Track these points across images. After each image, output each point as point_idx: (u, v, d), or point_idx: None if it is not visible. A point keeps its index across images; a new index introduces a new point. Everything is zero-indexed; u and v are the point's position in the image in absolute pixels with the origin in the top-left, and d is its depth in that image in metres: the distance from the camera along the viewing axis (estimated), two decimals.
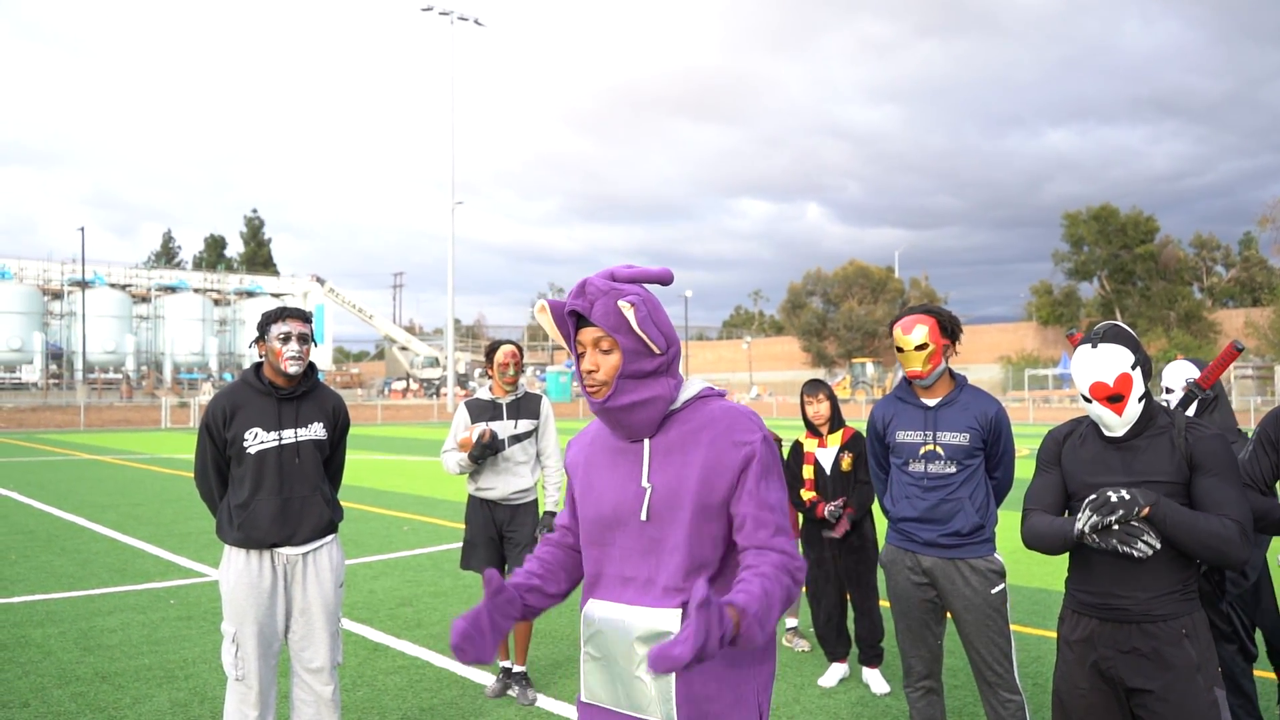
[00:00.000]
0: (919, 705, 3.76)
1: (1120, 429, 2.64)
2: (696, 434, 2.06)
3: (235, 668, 3.60)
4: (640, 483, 2.07)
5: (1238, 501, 2.51)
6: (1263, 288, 60.30)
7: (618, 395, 2.03)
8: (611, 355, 2.03)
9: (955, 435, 3.61)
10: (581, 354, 2.06)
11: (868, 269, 72.53)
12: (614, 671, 2.02)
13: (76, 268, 58.08)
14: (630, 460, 2.11)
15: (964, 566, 3.58)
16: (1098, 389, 2.63)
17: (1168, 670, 2.53)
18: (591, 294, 2.04)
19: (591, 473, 2.17)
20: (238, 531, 3.60)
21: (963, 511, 3.58)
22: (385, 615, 6.65)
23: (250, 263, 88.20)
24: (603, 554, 2.11)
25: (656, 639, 1.97)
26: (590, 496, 2.15)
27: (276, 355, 3.61)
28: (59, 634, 6.11)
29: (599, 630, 2.06)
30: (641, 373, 2.04)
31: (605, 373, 2.03)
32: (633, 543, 2.07)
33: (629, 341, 2.02)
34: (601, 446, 2.18)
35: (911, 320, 3.63)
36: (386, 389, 65.27)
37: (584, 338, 2.05)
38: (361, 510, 11.94)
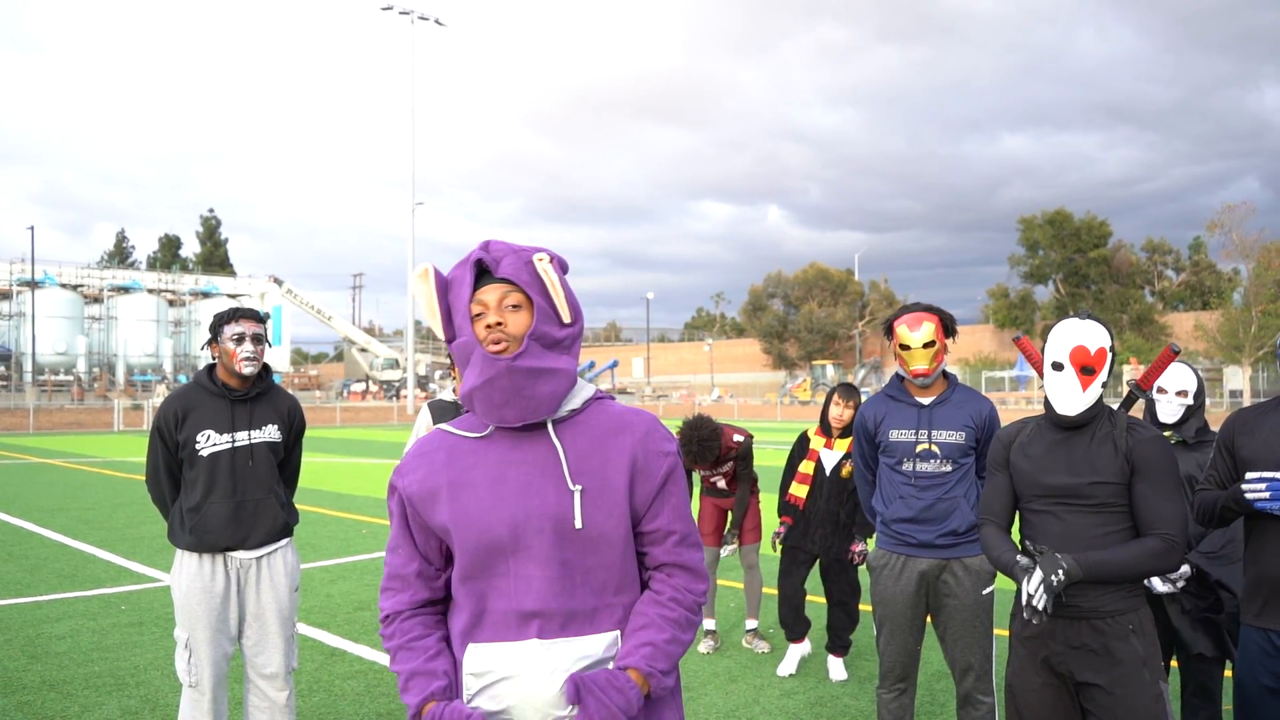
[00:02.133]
0: (890, 707, 3.73)
1: (1078, 407, 2.65)
2: (612, 436, 1.87)
3: (188, 674, 3.54)
4: (559, 486, 1.82)
5: (1172, 510, 2.56)
6: (1211, 291, 61.63)
7: (526, 356, 1.79)
8: (521, 313, 1.81)
9: (951, 434, 3.59)
10: (479, 314, 1.82)
11: (828, 271, 73.06)
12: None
13: (26, 267, 56.80)
14: (522, 468, 1.83)
15: (957, 566, 3.57)
16: (1079, 353, 2.65)
17: (1115, 665, 2.58)
18: (497, 251, 1.85)
19: (463, 493, 1.83)
20: (190, 535, 3.54)
21: (958, 510, 3.57)
22: (343, 619, 6.58)
23: (207, 263, 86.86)
24: (487, 587, 1.82)
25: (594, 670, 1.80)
26: (469, 520, 1.81)
27: (231, 356, 3.56)
28: (4, 642, 5.97)
29: (503, 678, 1.80)
30: (549, 339, 1.83)
31: (515, 328, 1.80)
32: (537, 568, 1.79)
33: (542, 301, 1.82)
34: (464, 462, 1.86)
35: (917, 317, 3.58)
36: (345, 391, 64.59)
37: (486, 296, 1.82)
38: (320, 514, 11.81)
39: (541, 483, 1.82)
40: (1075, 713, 2.68)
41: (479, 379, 1.80)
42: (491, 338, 1.80)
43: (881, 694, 3.76)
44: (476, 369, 1.80)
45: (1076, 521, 2.63)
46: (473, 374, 1.81)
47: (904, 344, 3.58)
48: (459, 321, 1.84)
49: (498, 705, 1.80)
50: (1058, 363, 2.69)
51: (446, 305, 1.86)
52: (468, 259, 1.86)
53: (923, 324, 3.56)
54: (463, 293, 1.84)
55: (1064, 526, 2.64)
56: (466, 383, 1.83)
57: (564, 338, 1.86)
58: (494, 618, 1.82)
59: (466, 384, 1.83)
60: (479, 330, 1.82)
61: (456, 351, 1.85)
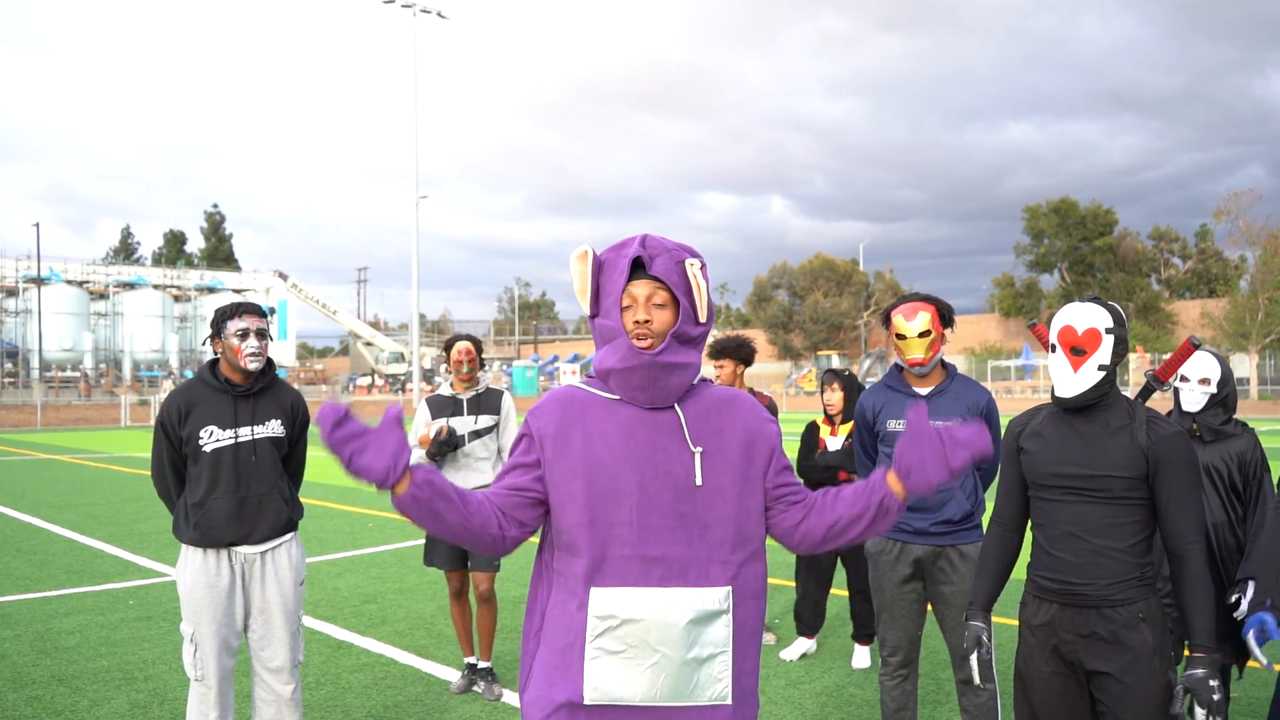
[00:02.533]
0: (893, 693, 3.77)
1: (1073, 389, 2.64)
2: (725, 408, 2.05)
3: (194, 668, 3.55)
4: (681, 447, 1.98)
5: (1193, 516, 2.56)
6: (1218, 279, 61.48)
7: (667, 352, 1.96)
8: (665, 311, 1.98)
9: (948, 423, 3.58)
10: (628, 306, 1.98)
11: (833, 262, 72.96)
12: (648, 664, 1.90)
13: (31, 264, 56.96)
14: (650, 428, 1.99)
15: (953, 553, 3.61)
16: (1066, 334, 2.65)
17: (1125, 653, 2.57)
18: (653, 248, 2.00)
19: (596, 441, 1.97)
20: (194, 530, 3.54)
21: (954, 500, 3.60)
22: (349, 613, 6.59)
23: (211, 258, 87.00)
24: (608, 535, 1.93)
25: (709, 621, 1.93)
26: (601, 465, 1.96)
27: (235, 352, 3.55)
28: (14, 637, 5.99)
29: (627, 620, 1.91)
30: (687, 337, 2.00)
31: (659, 325, 1.97)
32: (660, 519, 1.94)
33: (686, 302, 1.99)
34: (597, 414, 2.01)
35: (913, 307, 3.61)
36: (351, 385, 64.69)
37: (637, 290, 1.98)
38: (325, 507, 11.83)
39: (666, 442, 1.98)
40: (1085, 701, 2.67)
41: (620, 364, 1.97)
42: (638, 332, 1.96)
43: (884, 680, 3.80)
44: (619, 354, 1.97)
45: (1087, 511, 2.61)
46: (613, 357, 1.98)
47: (900, 333, 3.61)
48: (607, 305, 2.00)
49: (620, 646, 1.91)
50: (1051, 344, 2.70)
51: (597, 284, 2.02)
52: (627, 250, 2.00)
53: (919, 313, 3.58)
54: (617, 281, 1.99)
55: (1074, 515, 2.63)
56: (605, 361, 2.00)
57: (698, 335, 2.03)
58: (616, 563, 1.93)
59: (605, 363, 2.00)
60: (626, 321, 1.98)
61: (598, 331, 2.03)
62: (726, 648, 1.95)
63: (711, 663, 1.93)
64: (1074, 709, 2.67)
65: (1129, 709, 2.55)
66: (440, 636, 5.97)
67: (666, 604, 1.91)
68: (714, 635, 1.94)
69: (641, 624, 1.90)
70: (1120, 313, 2.71)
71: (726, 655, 1.95)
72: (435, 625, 6.24)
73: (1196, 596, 2.52)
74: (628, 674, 1.91)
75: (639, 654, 1.90)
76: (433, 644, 5.83)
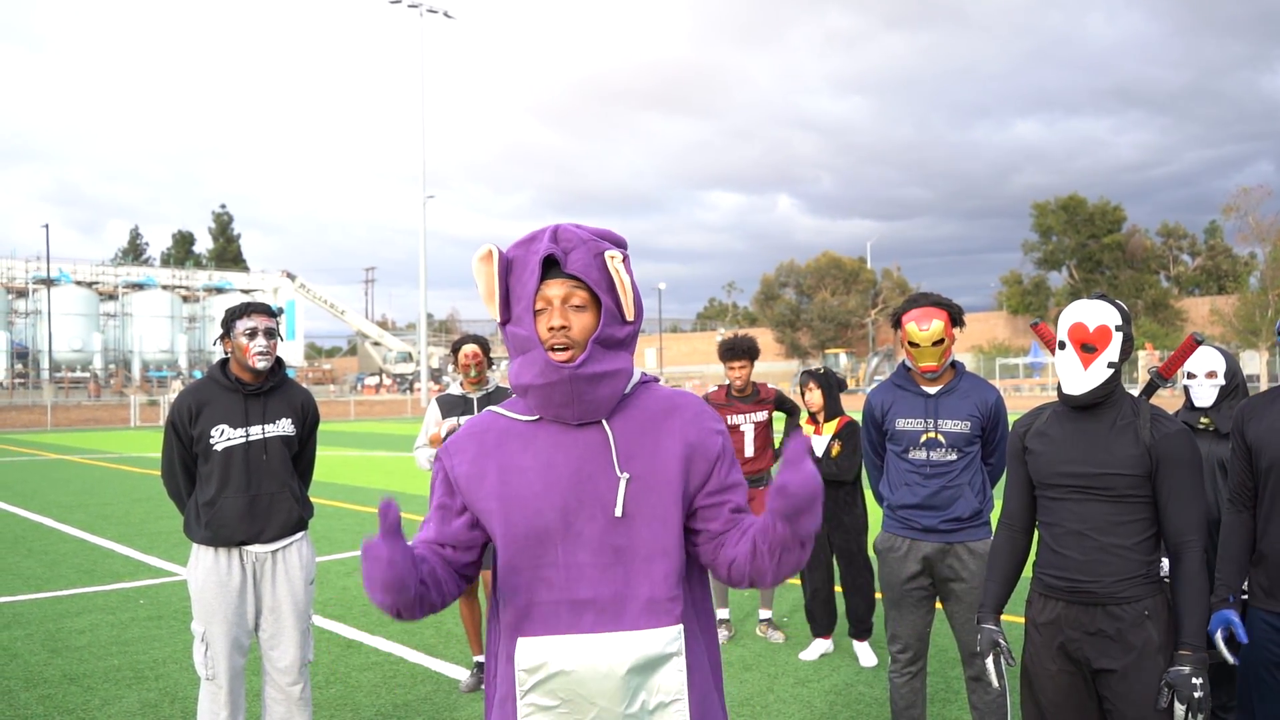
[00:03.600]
0: (902, 690, 3.77)
1: (1081, 386, 2.63)
2: (662, 420, 1.80)
3: (205, 667, 3.57)
4: (608, 472, 1.76)
5: (1194, 514, 2.57)
6: (1228, 275, 61.18)
7: (590, 362, 1.73)
8: (586, 314, 1.74)
9: (956, 423, 3.61)
10: (541, 310, 1.75)
11: (840, 260, 72.85)
12: (588, 718, 1.71)
13: (41, 265, 57.17)
14: (574, 452, 1.77)
15: (961, 550, 3.60)
16: (1077, 330, 2.64)
17: (1131, 651, 2.57)
18: (566, 241, 1.76)
19: (513, 477, 1.77)
20: (205, 529, 3.56)
21: (963, 498, 3.60)
22: (359, 612, 6.62)
23: (219, 259, 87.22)
24: (535, 578, 1.74)
25: (654, 668, 1.72)
26: (519, 504, 1.75)
27: (244, 351, 3.57)
28: (26, 636, 6.03)
29: (557, 673, 1.70)
30: (613, 340, 1.77)
31: (579, 332, 1.73)
32: (589, 556, 1.73)
33: (609, 301, 1.75)
34: (514, 444, 1.80)
35: (926, 314, 3.58)
36: (359, 385, 64.85)
37: (551, 291, 1.74)
38: (334, 507, 11.87)
39: (592, 467, 1.76)
40: (1091, 699, 2.68)
41: (538, 380, 1.75)
42: (555, 340, 1.73)
43: (893, 678, 3.80)
44: (536, 369, 1.75)
45: (1093, 509, 2.61)
46: (530, 371, 1.76)
47: (913, 340, 3.59)
48: (518, 312, 1.77)
49: (553, 700, 1.72)
50: (1060, 342, 2.69)
51: (506, 287, 1.78)
52: (536, 246, 1.76)
53: (932, 321, 3.56)
54: (528, 283, 1.75)
55: (1080, 513, 2.63)
56: (522, 376, 1.77)
57: (625, 336, 1.80)
58: (544, 610, 1.74)
59: (523, 378, 1.77)
60: (540, 328, 1.74)
61: (511, 340, 1.79)
62: (682, 695, 1.73)
63: (664, 711, 1.73)
64: (1081, 706, 2.68)
65: (1134, 706, 2.56)
66: (449, 635, 5.99)
67: (599, 652, 1.70)
68: (664, 683, 1.73)
69: (573, 675, 1.70)
70: (1126, 310, 2.71)
71: (682, 703, 1.73)
72: (444, 624, 6.26)
73: (1189, 595, 2.52)
74: None
75: (575, 709, 1.70)
76: (442, 643, 5.84)
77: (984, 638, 2.77)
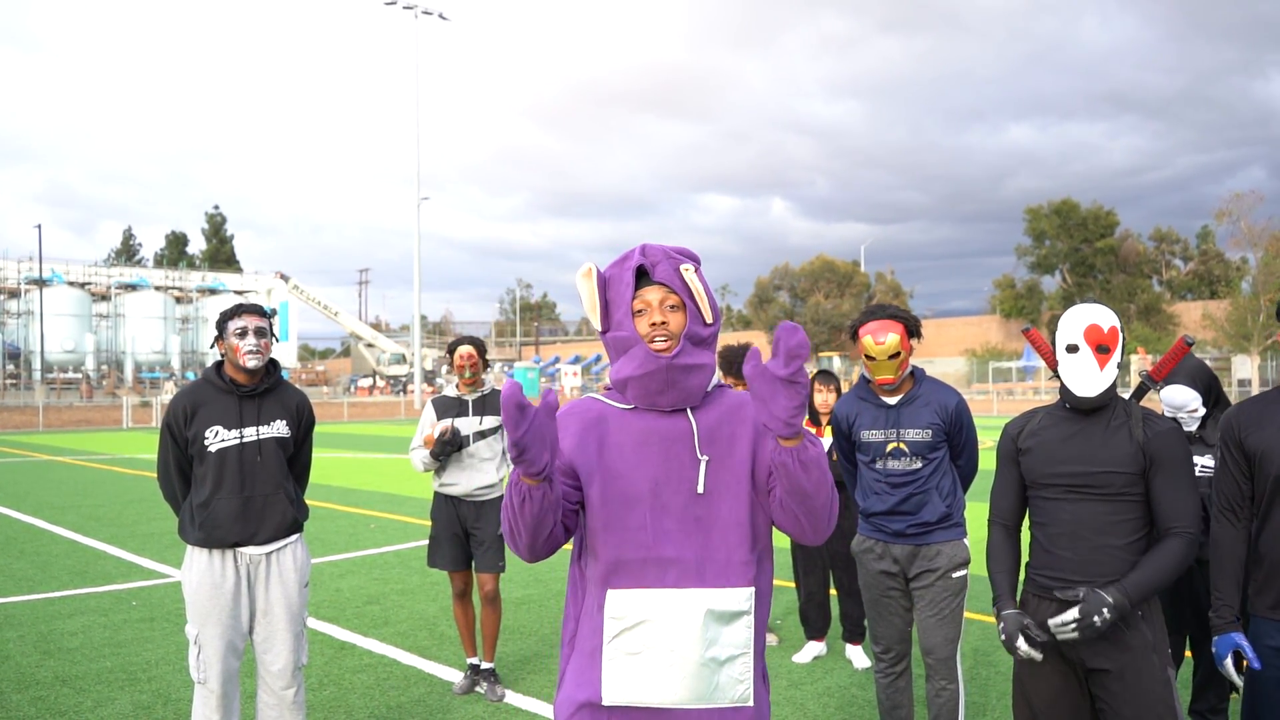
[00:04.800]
0: (888, 690, 3.81)
1: (1097, 387, 2.64)
2: (735, 413, 2.05)
3: (197, 670, 3.55)
4: (692, 454, 2.00)
5: (1187, 505, 2.58)
6: (1220, 280, 61.35)
7: (683, 354, 2.00)
8: (678, 314, 2.02)
9: (918, 431, 3.65)
10: (641, 311, 2.02)
11: (834, 263, 72.96)
12: (664, 665, 1.92)
13: (33, 266, 57.02)
14: (664, 436, 2.02)
15: (930, 551, 3.64)
16: (1093, 332, 2.66)
17: (1124, 651, 2.59)
18: (653, 256, 2.04)
19: (611, 450, 2.03)
20: (199, 531, 3.55)
21: (930, 503, 3.64)
22: (352, 613, 6.61)
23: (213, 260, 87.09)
24: (624, 538, 1.97)
25: (728, 621, 1.94)
26: (616, 472, 2.00)
27: (235, 351, 3.57)
28: (18, 638, 6.01)
29: (643, 622, 1.93)
30: (698, 338, 2.03)
31: (675, 327, 2.00)
32: (673, 523, 1.97)
33: (690, 303, 2.03)
34: (613, 424, 2.06)
35: (882, 327, 3.59)
36: (353, 386, 64.76)
37: (649, 295, 2.01)
38: (328, 508, 11.85)
39: (679, 449, 2.01)
40: (1084, 699, 2.69)
41: (638, 370, 1.99)
42: (656, 334, 1.99)
43: (879, 677, 3.84)
44: (636, 361, 2.00)
45: (1087, 509, 2.63)
46: (630, 365, 2.01)
47: (869, 354, 3.62)
48: (618, 317, 2.03)
49: (638, 647, 1.93)
50: (1072, 345, 2.68)
51: (605, 300, 2.05)
52: (629, 262, 2.04)
53: (888, 334, 3.57)
54: (624, 293, 2.03)
55: (1074, 514, 2.64)
56: (623, 371, 2.02)
57: (708, 336, 2.06)
58: (633, 566, 1.96)
59: (623, 372, 2.02)
60: (641, 327, 2.01)
61: (612, 344, 2.05)
62: (748, 649, 1.97)
63: (732, 664, 1.94)
64: (1073, 706, 2.69)
65: (1128, 705, 2.57)
66: (443, 638, 5.99)
67: (680, 605, 1.93)
68: (735, 636, 1.96)
69: (655, 625, 1.93)
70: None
71: (748, 657, 1.96)
72: (438, 626, 6.25)
73: (1155, 557, 2.55)
74: (645, 675, 1.92)
75: (655, 655, 1.92)
76: (435, 645, 5.84)
77: (1009, 622, 2.67)
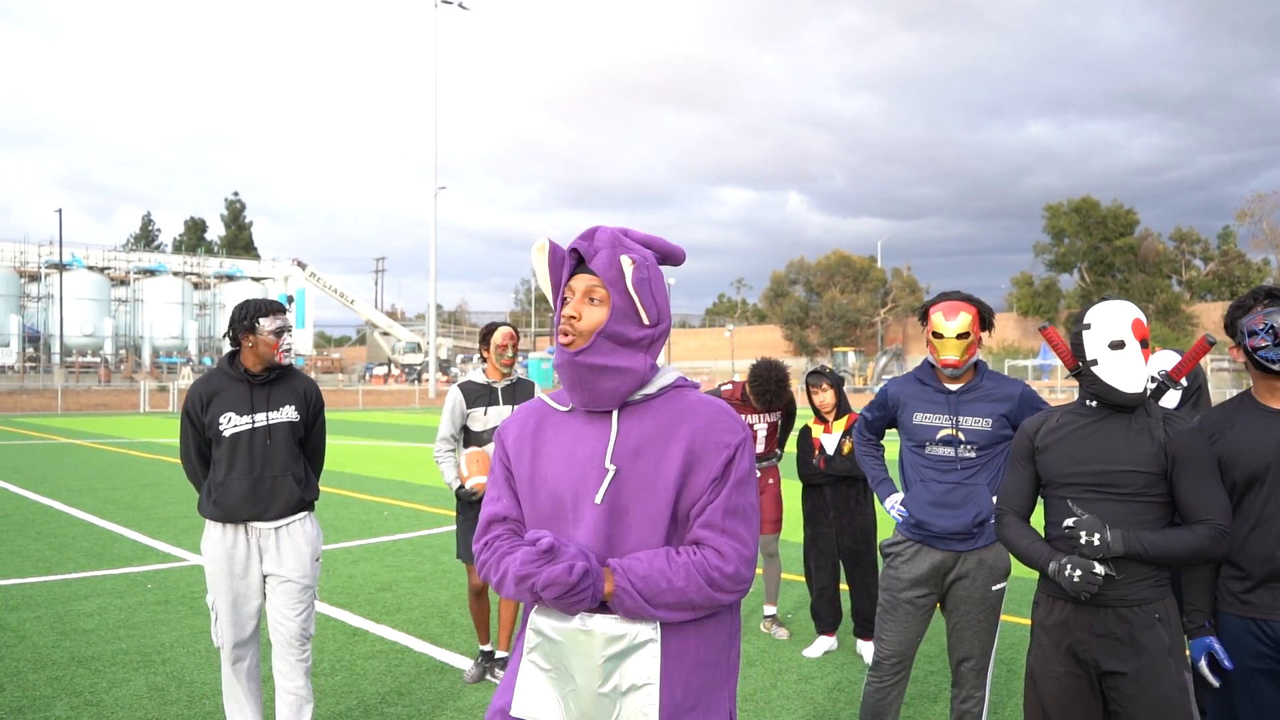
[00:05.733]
0: (876, 697, 3.65)
1: (1139, 384, 2.62)
2: (674, 425, 1.89)
3: (216, 636, 3.84)
4: (604, 463, 1.88)
5: (1218, 500, 2.56)
6: (1240, 281, 60.85)
7: (592, 352, 1.87)
8: (598, 309, 1.89)
9: (978, 420, 3.53)
10: (566, 300, 1.92)
11: (850, 258, 72.72)
12: (568, 689, 1.84)
13: (53, 250, 57.47)
14: (591, 441, 1.91)
15: (972, 559, 3.52)
16: (1139, 326, 2.66)
17: (1140, 654, 2.57)
18: (599, 242, 1.92)
19: (541, 460, 1.94)
20: (214, 507, 3.80)
21: (977, 499, 3.50)
22: (364, 600, 6.65)
23: (231, 246, 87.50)
24: None
25: (630, 654, 1.83)
26: (540, 485, 1.93)
27: (272, 348, 3.81)
28: (35, 618, 6.07)
29: (551, 641, 1.86)
30: (623, 338, 1.89)
31: (587, 323, 1.88)
32: (585, 539, 1.85)
33: (621, 300, 1.88)
34: (550, 431, 1.97)
35: (954, 306, 3.50)
36: (368, 374, 65.02)
37: (576, 284, 1.91)
38: (341, 495, 11.91)
39: (599, 459, 1.89)
40: (1096, 702, 2.67)
41: (555, 362, 1.92)
42: (561, 328, 1.90)
43: (871, 683, 3.67)
44: (556, 352, 1.92)
45: (1105, 509, 2.61)
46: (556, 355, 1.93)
47: (937, 332, 3.51)
48: (554, 300, 1.95)
49: (547, 665, 1.88)
50: (1118, 341, 2.63)
51: (559, 277, 1.95)
52: (573, 242, 1.95)
53: (959, 314, 3.48)
54: (560, 276, 1.94)
55: (1092, 514, 2.62)
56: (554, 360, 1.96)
57: (639, 338, 1.91)
58: None
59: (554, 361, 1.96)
60: (563, 314, 1.91)
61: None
62: (654, 680, 1.83)
63: (635, 694, 1.82)
64: (1086, 709, 2.67)
65: (1143, 710, 2.55)
66: (454, 625, 6.01)
67: (582, 630, 1.84)
68: (638, 668, 1.83)
69: (560, 646, 1.86)
70: None
71: (653, 688, 1.82)
72: (449, 614, 6.28)
73: (1173, 531, 2.56)
74: (549, 694, 1.86)
75: (560, 678, 1.86)
76: (447, 632, 5.87)
77: (1072, 564, 2.59)
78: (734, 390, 5.95)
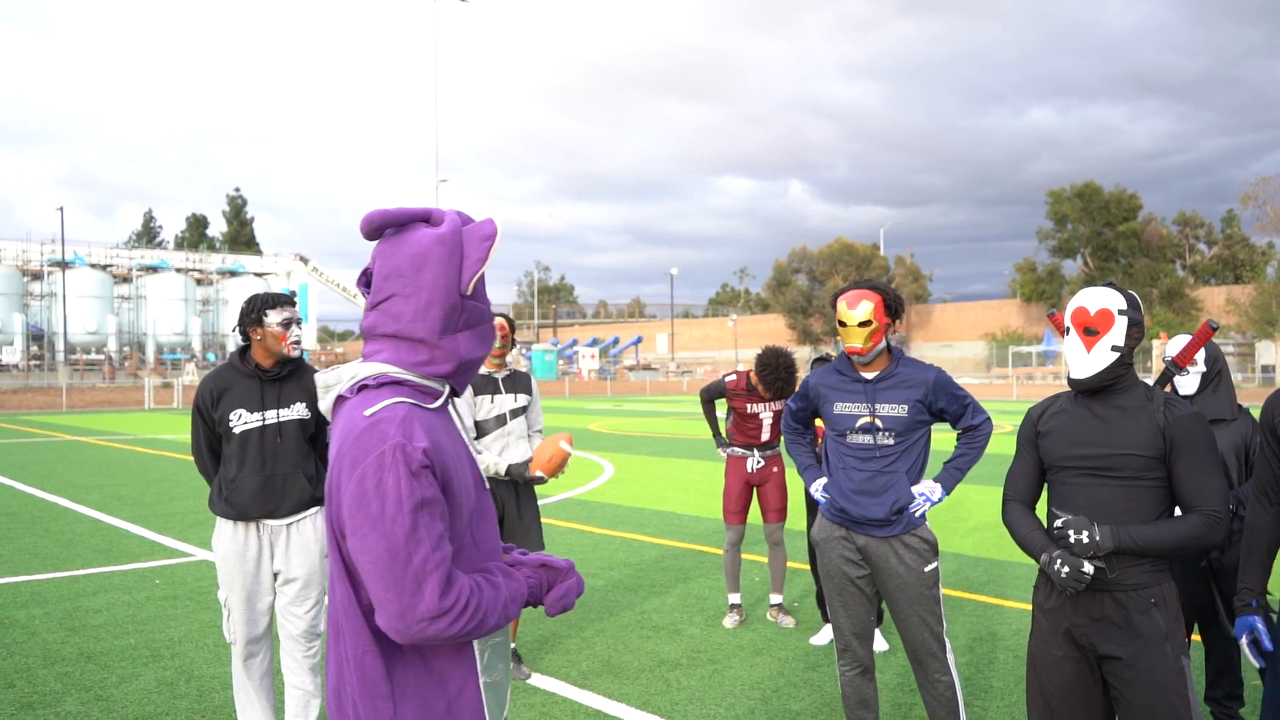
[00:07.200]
0: (854, 685, 3.70)
1: (1087, 370, 2.65)
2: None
3: (228, 632, 3.83)
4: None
5: (1213, 486, 2.56)
6: (1244, 265, 60.72)
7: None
8: None
9: (894, 407, 3.58)
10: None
11: (853, 246, 72.65)
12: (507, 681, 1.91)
13: (56, 248, 57.54)
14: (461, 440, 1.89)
15: (897, 544, 3.55)
16: (1079, 315, 2.68)
17: (1137, 638, 2.58)
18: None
19: (451, 464, 1.75)
20: (225, 504, 3.79)
21: (896, 485, 3.55)
22: None
23: (233, 242, 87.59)
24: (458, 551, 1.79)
25: None
26: (463, 491, 1.78)
27: (279, 340, 3.77)
28: (44, 615, 6.10)
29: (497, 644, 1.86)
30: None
31: None
32: (491, 527, 1.92)
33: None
34: (440, 431, 1.76)
35: (856, 295, 3.58)
36: None
37: None
38: None
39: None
40: (1096, 685, 2.69)
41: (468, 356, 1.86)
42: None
43: (843, 669, 3.71)
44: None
45: (1105, 493, 2.62)
46: None
47: (841, 320, 3.59)
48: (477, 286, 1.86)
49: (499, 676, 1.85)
50: (1065, 327, 2.73)
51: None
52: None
53: (860, 303, 3.55)
54: None
55: (1091, 498, 2.63)
56: None
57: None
58: None
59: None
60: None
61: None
62: None
63: None
64: (1086, 692, 2.69)
65: (1140, 693, 2.57)
66: None
67: None
68: None
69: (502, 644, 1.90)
70: (1136, 299, 2.71)
71: None
72: None
73: (1163, 523, 2.56)
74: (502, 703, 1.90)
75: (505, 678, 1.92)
76: None
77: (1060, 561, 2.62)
78: (738, 380, 5.95)
